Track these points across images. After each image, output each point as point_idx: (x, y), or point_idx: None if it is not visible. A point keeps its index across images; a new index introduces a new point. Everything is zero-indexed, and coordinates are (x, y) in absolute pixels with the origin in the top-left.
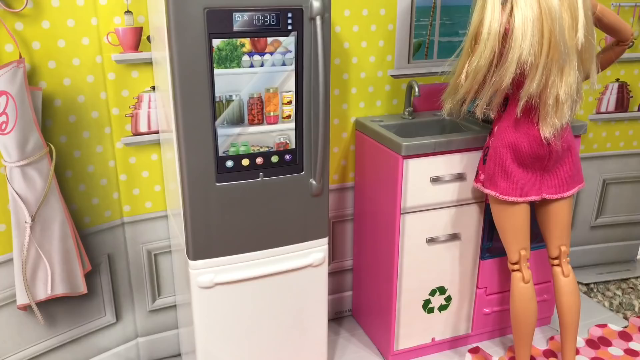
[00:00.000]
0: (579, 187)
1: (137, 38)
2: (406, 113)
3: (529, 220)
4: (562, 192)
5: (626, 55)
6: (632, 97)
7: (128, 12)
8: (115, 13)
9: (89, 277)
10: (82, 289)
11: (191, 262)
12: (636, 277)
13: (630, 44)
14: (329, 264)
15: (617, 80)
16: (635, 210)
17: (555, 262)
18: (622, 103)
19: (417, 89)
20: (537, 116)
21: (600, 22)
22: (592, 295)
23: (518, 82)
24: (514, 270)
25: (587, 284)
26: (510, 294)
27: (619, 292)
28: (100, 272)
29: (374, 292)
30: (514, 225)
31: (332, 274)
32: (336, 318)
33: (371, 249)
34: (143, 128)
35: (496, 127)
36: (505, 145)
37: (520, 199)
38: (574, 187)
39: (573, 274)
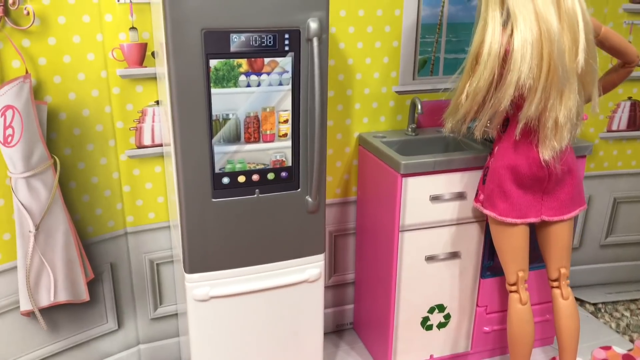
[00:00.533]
0: (579, 209)
1: (141, 54)
2: (409, 130)
3: (527, 241)
4: (561, 214)
5: (638, 73)
6: None
7: (133, 28)
8: (120, 29)
9: (92, 284)
10: (85, 296)
11: (187, 275)
12: None
13: (636, 65)
14: (329, 278)
15: (630, 98)
16: None
17: (555, 284)
18: (635, 122)
19: (419, 107)
20: (537, 138)
21: (604, 45)
22: (599, 315)
23: (518, 104)
24: (511, 292)
25: (594, 304)
26: (507, 315)
27: (627, 313)
28: (103, 280)
29: (374, 306)
30: (512, 247)
31: (333, 287)
32: (337, 331)
33: (371, 263)
34: (147, 141)
35: (496, 148)
36: (504, 167)
37: (518, 221)
38: (574, 210)
39: (573, 296)
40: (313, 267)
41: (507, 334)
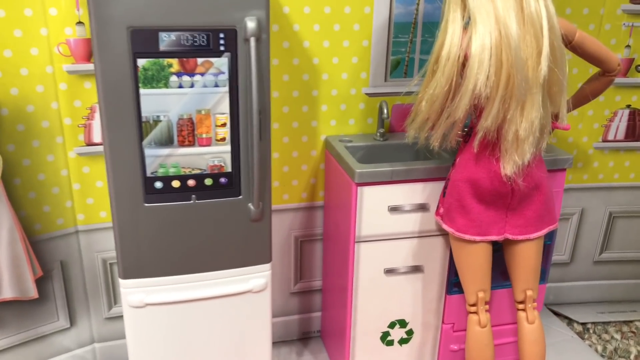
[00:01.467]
0: (549, 228)
1: (88, 49)
2: (378, 134)
3: (489, 260)
4: (527, 233)
5: (637, 80)
6: None
7: (80, 23)
8: (66, 24)
9: (41, 282)
10: (33, 293)
11: (122, 281)
12: None
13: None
14: (295, 284)
15: (629, 106)
16: None
17: (521, 306)
18: (634, 131)
19: (386, 111)
20: (499, 151)
21: (579, 51)
22: (586, 336)
23: (480, 114)
24: (470, 313)
25: (583, 324)
26: (466, 337)
27: (617, 336)
28: (53, 278)
29: (335, 316)
30: (471, 265)
31: (300, 293)
32: (303, 338)
33: (333, 272)
34: (96, 138)
35: (458, 159)
36: (464, 180)
37: (478, 238)
38: (542, 229)
39: (539, 321)
40: (258, 277)
41: (465, 358)
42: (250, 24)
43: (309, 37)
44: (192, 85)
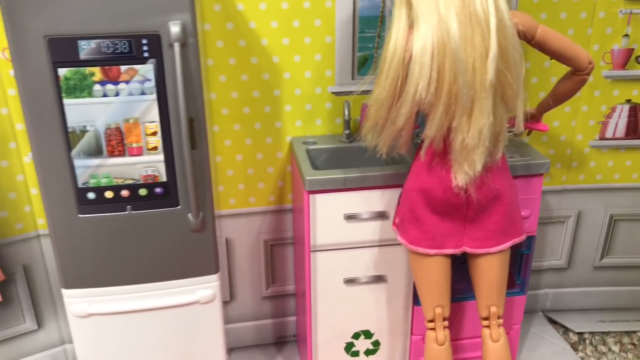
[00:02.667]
0: (513, 241)
1: None
2: (344, 136)
3: (446, 275)
4: (487, 246)
5: (637, 72)
6: None
7: None
8: None
9: (5, 286)
10: None
11: (64, 291)
12: None
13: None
14: (267, 288)
15: (629, 101)
16: None
17: (485, 322)
18: (636, 128)
19: (347, 112)
20: (450, 160)
21: (543, 49)
22: (580, 347)
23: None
24: (428, 329)
25: (579, 333)
26: (424, 353)
27: (615, 348)
28: (16, 281)
29: (301, 323)
30: (427, 279)
31: (273, 297)
32: (279, 342)
33: (299, 278)
34: None
35: (411, 167)
36: (416, 189)
37: (432, 251)
38: (504, 242)
39: (505, 338)
40: (204, 288)
41: None
42: (174, 29)
43: (266, 34)
44: (117, 94)
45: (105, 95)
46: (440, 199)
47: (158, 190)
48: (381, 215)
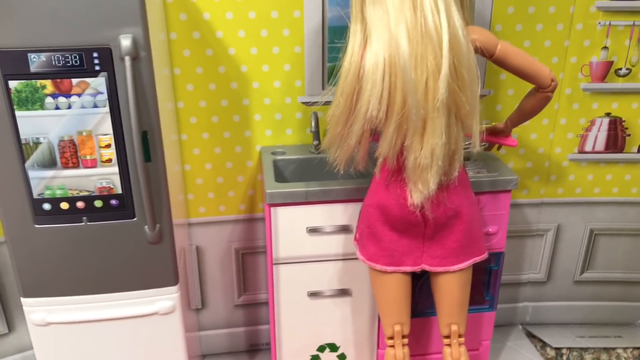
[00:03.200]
0: (474, 260)
1: None
2: (313, 147)
3: (405, 292)
4: (447, 264)
5: (622, 85)
6: (629, 135)
7: None
8: None
9: None
10: None
11: (23, 299)
12: (626, 348)
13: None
14: (239, 297)
15: (608, 114)
16: (637, 267)
17: (446, 341)
18: (616, 142)
19: (313, 123)
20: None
21: (503, 66)
22: None
23: None
24: (388, 346)
25: (557, 349)
26: None
27: None
28: None
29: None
30: (385, 296)
31: (245, 305)
32: (251, 350)
33: (265, 288)
34: None
35: (371, 183)
36: (373, 205)
37: (389, 269)
38: (465, 261)
39: (466, 357)
40: (164, 299)
41: None
42: (125, 43)
43: (234, 44)
44: (69, 107)
45: (57, 108)
46: (397, 216)
47: (113, 202)
48: (345, 229)
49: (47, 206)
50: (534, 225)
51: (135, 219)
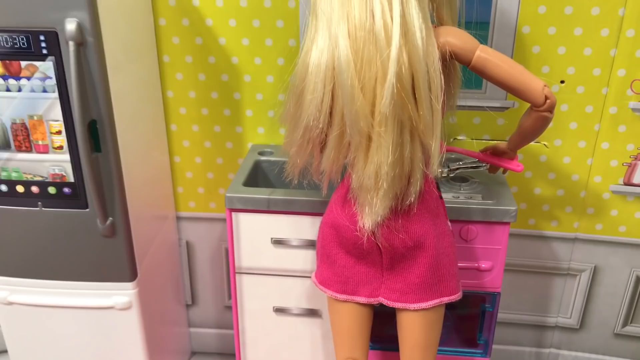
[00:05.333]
0: (441, 300)
1: None
2: None
3: (361, 325)
4: (406, 301)
5: None
6: None
7: None
8: None
9: None
10: None
11: None
12: None
13: (547, 109)
14: (231, 296)
15: None
16: None
17: None
18: None
19: None
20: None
21: (484, 76)
22: None
23: None
24: None
25: None
26: None
27: None
28: None
29: None
30: (338, 327)
31: (227, 307)
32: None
33: None
34: None
35: (331, 197)
36: (328, 224)
37: (341, 297)
38: (429, 299)
39: None
40: (120, 294)
41: None
42: (69, 27)
43: (224, 33)
44: (19, 89)
45: (8, 90)
46: (350, 239)
47: (66, 190)
48: (313, 245)
49: (3, 187)
50: (565, 263)
51: (88, 209)
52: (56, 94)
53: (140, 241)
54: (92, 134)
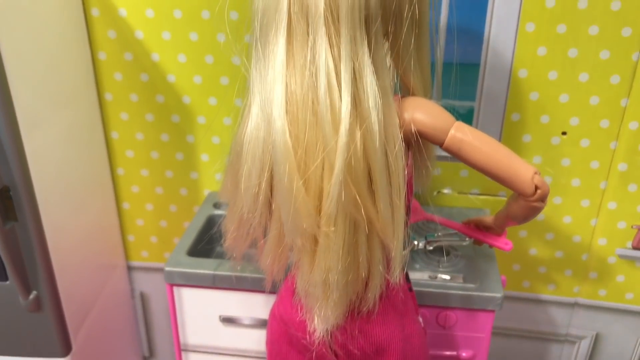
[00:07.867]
0: None
1: None
2: None
3: None
4: None
5: None
6: None
7: None
8: None
9: None
10: None
11: None
12: None
13: (537, 198)
14: None
15: None
16: None
17: None
18: None
19: None
20: None
21: (461, 160)
22: None
23: None
24: None
25: None
26: None
27: None
28: None
29: None
30: None
31: None
32: None
33: None
34: None
35: (282, 284)
36: (277, 317)
37: None
38: None
39: None
40: None
41: None
42: None
43: (173, 70)
44: None
45: None
46: (301, 339)
47: None
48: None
49: None
50: (563, 329)
51: (7, 282)
52: None
53: (75, 309)
54: (5, 201)
